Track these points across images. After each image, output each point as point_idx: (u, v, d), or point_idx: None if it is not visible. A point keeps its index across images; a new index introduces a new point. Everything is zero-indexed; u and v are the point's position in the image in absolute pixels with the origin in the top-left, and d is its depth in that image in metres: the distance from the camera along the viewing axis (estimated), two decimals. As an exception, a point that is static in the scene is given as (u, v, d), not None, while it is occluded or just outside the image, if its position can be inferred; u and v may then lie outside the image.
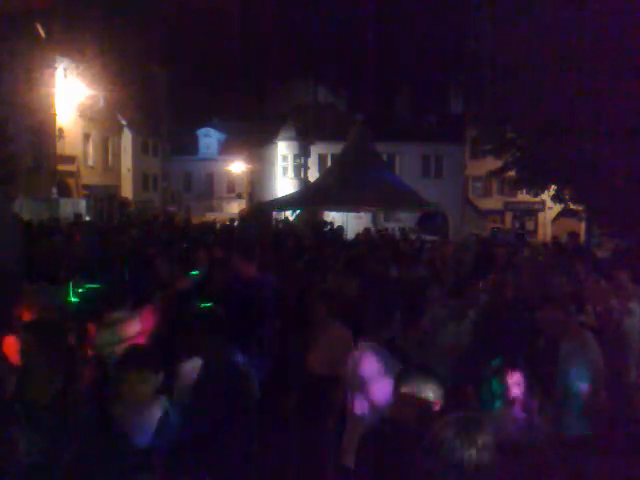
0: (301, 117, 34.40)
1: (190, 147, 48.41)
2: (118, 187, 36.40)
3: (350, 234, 16.82)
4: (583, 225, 23.84)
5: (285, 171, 34.82)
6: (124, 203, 34.81)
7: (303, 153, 34.15)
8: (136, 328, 4.39)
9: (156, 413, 3.20)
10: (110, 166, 35.55)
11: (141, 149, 41.48)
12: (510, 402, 3.55)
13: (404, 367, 3.14)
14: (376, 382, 3.59)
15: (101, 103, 32.08)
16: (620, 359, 5.24)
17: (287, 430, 4.65)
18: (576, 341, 4.35)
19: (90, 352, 4.25)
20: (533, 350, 4.65)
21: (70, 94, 28.74)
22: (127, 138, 38.39)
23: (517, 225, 41.15)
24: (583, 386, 4.12)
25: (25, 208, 19.20)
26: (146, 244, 9.55)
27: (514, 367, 3.62)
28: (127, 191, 38.24)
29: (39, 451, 2.91)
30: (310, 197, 19.05)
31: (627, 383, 5.28)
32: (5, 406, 3.08)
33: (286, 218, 21.41)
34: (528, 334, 4.83)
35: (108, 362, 3.90)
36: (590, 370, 4.18)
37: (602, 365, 4.35)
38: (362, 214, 24.55)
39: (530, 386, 3.59)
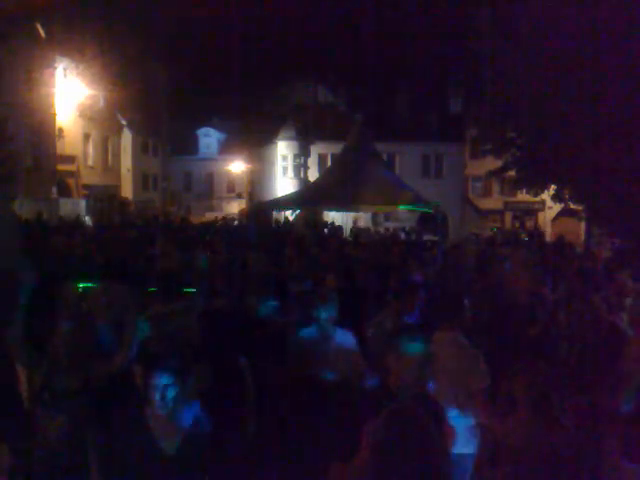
0: (301, 117, 34.41)
1: (190, 147, 48.37)
2: (118, 187, 36.37)
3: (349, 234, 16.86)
4: (583, 225, 23.82)
5: (285, 171, 34.80)
6: (124, 203, 34.79)
7: (303, 153, 34.18)
8: None
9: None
10: (110, 166, 35.52)
11: (141, 149, 41.45)
12: None
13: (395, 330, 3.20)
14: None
15: (101, 103, 32.06)
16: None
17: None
18: None
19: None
20: None
21: (70, 94, 28.73)
22: (127, 138, 38.35)
23: (517, 225, 41.08)
24: None
25: (25, 208, 19.19)
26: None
27: None
28: (127, 191, 38.20)
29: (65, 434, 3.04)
30: (310, 197, 19.01)
31: None
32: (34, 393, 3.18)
33: (286, 218, 21.39)
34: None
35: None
36: None
37: None
38: (362, 214, 24.57)
39: None
